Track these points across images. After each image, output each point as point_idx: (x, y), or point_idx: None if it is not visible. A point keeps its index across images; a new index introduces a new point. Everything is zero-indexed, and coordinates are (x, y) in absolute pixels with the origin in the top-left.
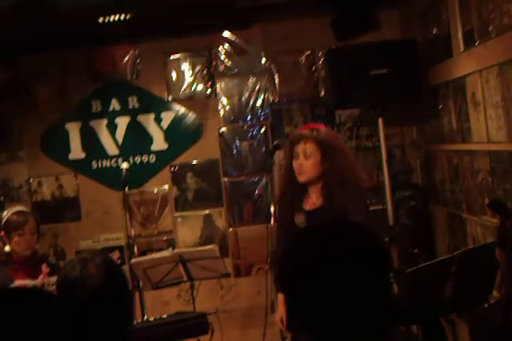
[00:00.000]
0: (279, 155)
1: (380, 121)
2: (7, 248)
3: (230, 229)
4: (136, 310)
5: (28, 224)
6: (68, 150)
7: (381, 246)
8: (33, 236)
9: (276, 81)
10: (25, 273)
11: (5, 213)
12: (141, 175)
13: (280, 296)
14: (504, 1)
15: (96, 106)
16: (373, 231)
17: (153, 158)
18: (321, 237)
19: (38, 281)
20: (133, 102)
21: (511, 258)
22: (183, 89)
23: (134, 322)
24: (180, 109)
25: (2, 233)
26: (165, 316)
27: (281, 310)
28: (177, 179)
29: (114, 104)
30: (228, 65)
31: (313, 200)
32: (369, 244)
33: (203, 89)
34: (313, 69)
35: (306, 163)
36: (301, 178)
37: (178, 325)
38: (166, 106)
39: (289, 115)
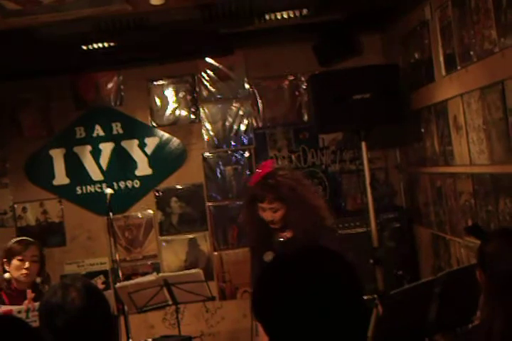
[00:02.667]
0: None
1: (364, 144)
2: (7, 275)
3: (215, 252)
4: (121, 334)
5: (28, 251)
6: (53, 176)
7: (351, 271)
8: (33, 263)
9: (260, 106)
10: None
11: (13, 240)
12: (126, 200)
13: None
14: (485, 27)
15: (80, 132)
16: (344, 256)
17: (137, 183)
18: (288, 266)
19: (23, 307)
20: (117, 128)
21: (492, 282)
22: (167, 115)
23: None
24: (164, 135)
25: (4, 259)
26: (150, 340)
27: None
28: (161, 204)
29: (98, 130)
30: (212, 90)
31: (284, 234)
32: (339, 267)
33: (187, 114)
34: (297, 94)
35: (276, 216)
36: (275, 226)
37: None
38: (149, 131)
39: (272, 139)
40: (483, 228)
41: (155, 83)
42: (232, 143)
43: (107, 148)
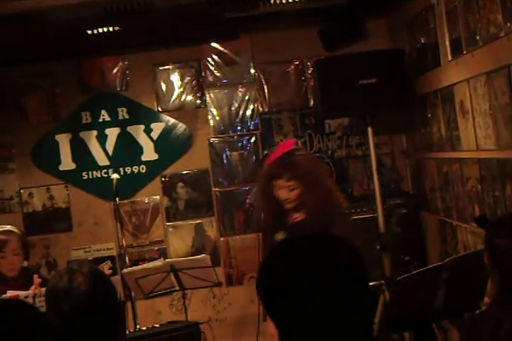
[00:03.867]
0: None
1: (370, 130)
2: None
3: (222, 238)
4: (128, 320)
5: (9, 245)
6: (59, 162)
7: (358, 259)
8: (15, 257)
9: (266, 91)
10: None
11: None
12: (132, 185)
13: None
14: (490, 11)
15: (86, 117)
16: (354, 245)
17: (143, 169)
18: (297, 249)
19: (30, 292)
20: (123, 113)
21: (505, 280)
22: (172, 100)
23: (126, 332)
24: (170, 120)
25: None
26: (157, 325)
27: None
28: (168, 189)
29: (104, 116)
30: (217, 75)
31: (296, 215)
32: (346, 255)
33: (193, 99)
34: (302, 79)
35: (292, 195)
36: (289, 206)
37: (171, 334)
38: (155, 117)
39: (278, 125)
40: (491, 218)
41: (160, 68)
42: (238, 129)
43: (113, 134)
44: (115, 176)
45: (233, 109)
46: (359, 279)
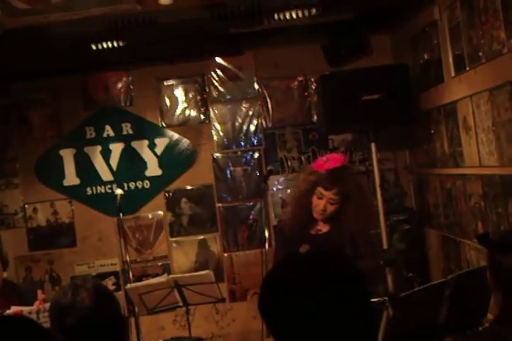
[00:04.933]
0: (272, 181)
1: (373, 145)
2: None
3: (225, 254)
4: (131, 336)
5: None
6: (63, 177)
7: (359, 278)
8: None
9: (269, 106)
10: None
11: None
12: (136, 200)
13: None
14: (493, 27)
15: (90, 132)
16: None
17: (147, 184)
18: (300, 266)
19: (34, 308)
20: (127, 128)
21: (506, 295)
22: (176, 115)
23: None
24: (174, 135)
25: None
26: None
27: None
28: (171, 204)
29: (108, 131)
30: (221, 90)
31: (320, 227)
32: (346, 273)
33: (197, 114)
34: (306, 94)
35: (331, 208)
36: (321, 217)
37: None
38: (159, 132)
39: (282, 140)
40: (493, 236)
41: (165, 83)
42: (242, 144)
43: (117, 149)
44: (119, 191)
45: (237, 124)
46: (361, 298)
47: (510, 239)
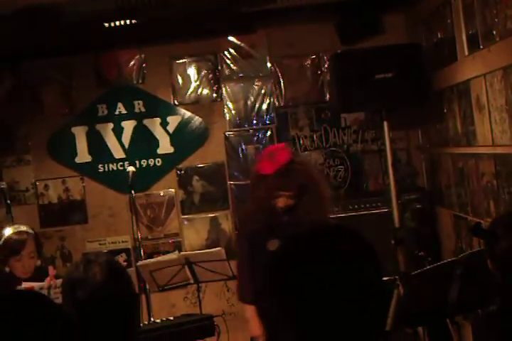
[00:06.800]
0: None
1: (386, 124)
2: (7, 269)
3: (236, 231)
4: (142, 312)
5: (26, 248)
6: (75, 154)
7: (372, 250)
8: (31, 260)
9: (282, 85)
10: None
11: (6, 232)
12: (148, 178)
13: (250, 308)
14: (508, 6)
15: (102, 110)
16: (363, 235)
17: (159, 162)
18: (312, 240)
19: (45, 284)
20: (139, 106)
21: (505, 282)
22: (188, 93)
23: (141, 324)
24: (186, 113)
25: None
26: (171, 318)
27: (256, 325)
28: (183, 182)
29: (120, 108)
30: (234, 69)
31: (285, 217)
32: (360, 246)
33: (209, 93)
34: (319, 73)
35: (290, 202)
36: (281, 209)
37: (185, 327)
38: (172, 110)
39: (294, 119)
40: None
41: (177, 61)
42: (254, 122)
43: (129, 126)
44: (131, 169)
45: (249, 102)
46: (373, 270)
47: (498, 228)
